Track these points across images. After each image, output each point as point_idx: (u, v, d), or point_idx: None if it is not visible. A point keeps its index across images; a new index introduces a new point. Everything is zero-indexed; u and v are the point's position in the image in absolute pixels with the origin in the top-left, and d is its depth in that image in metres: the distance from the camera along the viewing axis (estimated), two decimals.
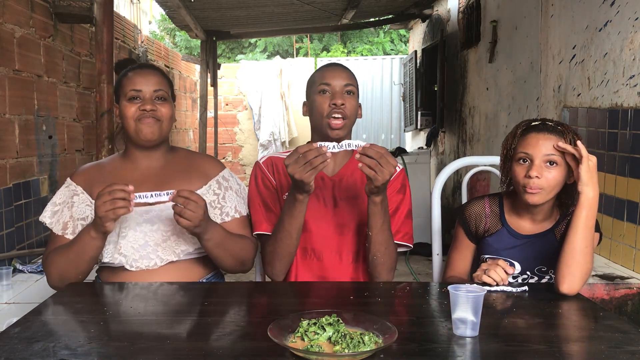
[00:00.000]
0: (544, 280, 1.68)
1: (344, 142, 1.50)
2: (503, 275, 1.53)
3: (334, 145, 1.49)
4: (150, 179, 1.66)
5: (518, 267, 1.68)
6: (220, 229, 1.60)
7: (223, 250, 1.60)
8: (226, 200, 1.70)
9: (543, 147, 1.56)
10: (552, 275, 1.64)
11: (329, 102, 1.69)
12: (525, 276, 1.69)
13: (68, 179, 1.71)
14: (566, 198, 1.64)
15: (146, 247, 1.59)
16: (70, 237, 1.62)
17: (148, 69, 1.69)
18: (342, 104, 1.68)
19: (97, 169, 1.72)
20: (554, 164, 1.56)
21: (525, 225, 1.69)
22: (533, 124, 1.63)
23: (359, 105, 1.79)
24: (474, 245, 1.77)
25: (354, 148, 1.50)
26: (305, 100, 1.82)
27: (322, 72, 1.76)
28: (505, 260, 1.64)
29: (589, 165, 1.49)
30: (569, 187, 1.62)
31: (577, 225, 1.51)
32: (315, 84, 1.74)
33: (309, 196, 1.58)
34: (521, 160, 1.60)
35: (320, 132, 1.74)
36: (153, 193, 1.47)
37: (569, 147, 1.53)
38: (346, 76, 1.73)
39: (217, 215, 1.68)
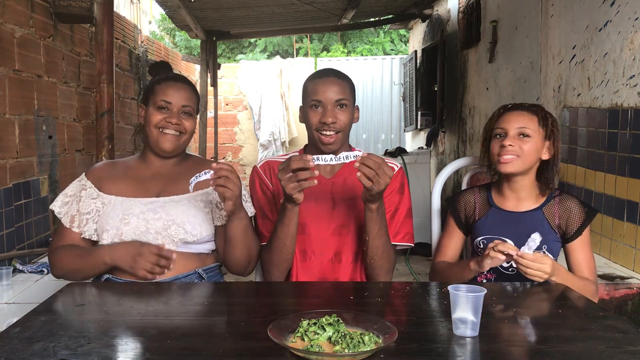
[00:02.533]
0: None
1: (342, 155, 1.50)
2: (510, 246, 1.52)
3: (331, 158, 1.50)
4: (159, 178, 1.73)
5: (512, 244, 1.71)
6: (247, 216, 1.66)
7: (245, 237, 1.65)
8: None
9: (515, 121, 1.70)
10: (545, 252, 1.70)
11: (320, 118, 1.69)
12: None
13: (83, 174, 1.77)
14: (546, 176, 1.75)
15: (147, 234, 1.63)
16: (76, 230, 1.68)
17: (181, 82, 1.75)
18: (333, 122, 1.67)
19: (111, 167, 1.79)
20: (527, 137, 1.68)
21: (511, 205, 1.78)
22: (512, 104, 1.76)
23: (356, 109, 1.78)
24: (463, 236, 1.85)
25: (352, 160, 1.50)
26: (301, 105, 1.81)
27: (315, 85, 1.72)
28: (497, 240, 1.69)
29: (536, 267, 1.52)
30: (546, 164, 1.73)
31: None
32: (308, 97, 1.73)
33: (298, 207, 1.59)
34: (497, 136, 1.73)
35: (313, 142, 1.75)
36: (193, 179, 1.52)
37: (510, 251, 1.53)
38: (338, 89, 1.70)
39: (223, 217, 1.70)
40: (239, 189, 1.53)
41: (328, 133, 1.69)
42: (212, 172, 1.50)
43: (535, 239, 1.51)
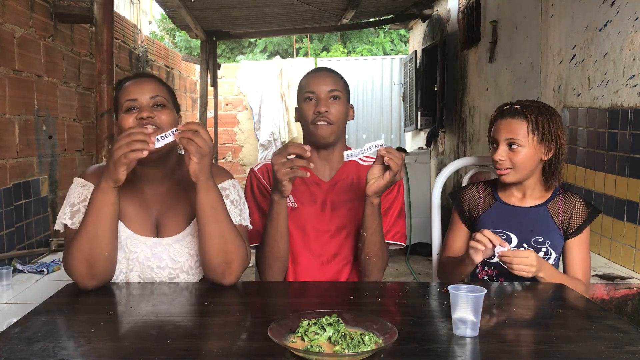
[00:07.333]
0: (541, 253, 1.71)
1: (366, 147, 1.55)
2: (489, 237, 1.52)
3: (354, 152, 1.53)
4: (156, 198, 1.60)
5: (515, 240, 1.72)
6: (219, 192, 1.47)
7: (216, 219, 1.44)
8: None
9: (504, 130, 1.68)
10: (549, 248, 1.71)
11: (314, 109, 1.71)
12: (523, 249, 1.72)
13: (80, 179, 1.59)
14: (549, 173, 1.74)
15: (152, 280, 1.57)
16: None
17: (143, 77, 1.60)
18: (326, 111, 1.69)
19: None
20: (515, 146, 1.67)
21: (516, 200, 1.78)
22: (504, 108, 1.74)
23: (351, 107, 1.80)
24: (468, 231, 1.83)
25: (374, 150, 1.54)
26: (296, 106, 1.83)
27: (308, 79, 1.77)
28: (500, 234, 1.69)
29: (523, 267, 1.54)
30: (550, 161, 1.72)
31: None
32: (302, 91, 1.76)
33: (285, 200, 1.60)
34: (493, 144, 1.72)
35: (309, 138, 1.76)
36: (159, 136, 1.39)
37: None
38: (331, 82, 1.73)
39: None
40: (208, 147, 1.38)
41: (322, 123, 1.70)
42: (177, 130, 1.38)
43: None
